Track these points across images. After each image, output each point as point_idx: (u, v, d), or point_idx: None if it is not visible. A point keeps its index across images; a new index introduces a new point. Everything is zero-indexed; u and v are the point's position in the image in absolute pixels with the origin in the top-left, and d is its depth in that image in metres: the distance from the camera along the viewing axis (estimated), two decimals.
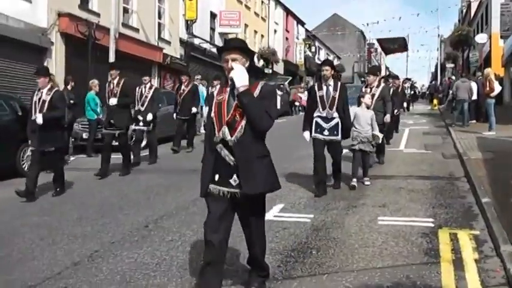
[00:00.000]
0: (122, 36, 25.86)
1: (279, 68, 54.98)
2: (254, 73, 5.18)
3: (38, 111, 10.40)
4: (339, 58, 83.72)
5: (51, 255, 6.77)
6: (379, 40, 57.54)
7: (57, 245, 7.22)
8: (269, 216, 8.42)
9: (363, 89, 13.07)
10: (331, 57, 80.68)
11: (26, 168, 12.87)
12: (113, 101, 13.16)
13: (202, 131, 23.40)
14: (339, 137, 10.02)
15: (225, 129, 4.82)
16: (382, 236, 7.30)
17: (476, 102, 23.03)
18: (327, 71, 9.96)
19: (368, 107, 11.29)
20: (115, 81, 13.38)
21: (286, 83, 41.58)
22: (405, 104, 32.88)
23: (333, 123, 9.95)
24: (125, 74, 22.75)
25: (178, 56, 34.01)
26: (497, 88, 19.56)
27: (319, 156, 10.04)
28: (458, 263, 6.21)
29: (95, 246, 7.10)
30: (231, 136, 4.79)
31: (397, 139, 18.82)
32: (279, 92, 32.65)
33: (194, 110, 17.35)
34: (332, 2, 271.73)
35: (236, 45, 5.05)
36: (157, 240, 7.30)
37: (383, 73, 49.72)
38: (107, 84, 13.67)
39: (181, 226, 7.98)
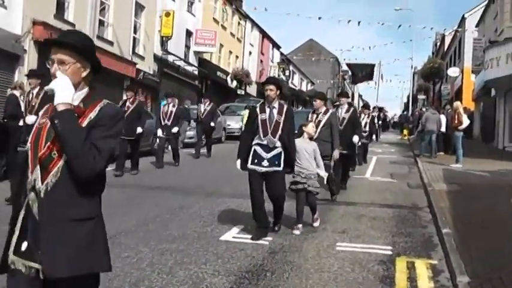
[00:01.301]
0: (96, 49, 25.68)
1: (252, 89, 55.10)
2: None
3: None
4: (312, 83, 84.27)
5: None
6: (348, 65, 57.78)
7: None
8: (227, 237, 8.44)
9: (309, 116, 11.79)
10: (304, 82, 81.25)
11: None
12: (31, 119, 10.33)
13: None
14: (281, 168, 8.41)
15: (38, 170, 3.26)
16: (339, 262, 7.27)
17: (444, 135, 23.27)
18: (271, 91, 8.46)
19: (311, 138, 9.50)
20: (34, 92, 11.13)
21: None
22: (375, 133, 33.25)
23: (274, 152, 8.39)
24: (97, 87, 22.78)
25: (152, 72, 33.92)
26: (466, 121, 19.79)
27: (256, 193, 8.47)
28: None
29: None
30: (42, 182, 3.23)
31: (363, 167, 18.96)
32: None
33: (139, 130, 15.71)
34: (309, 29, 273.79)
35: (69, 41, 3.47)
36: (112, 256, 7.02)
37: (356, 101, 50.03)
38: (25, 94, 11.60)
39: (139, 243, 7.88)
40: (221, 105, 35.21)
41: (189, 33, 40.61)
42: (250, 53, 56.74)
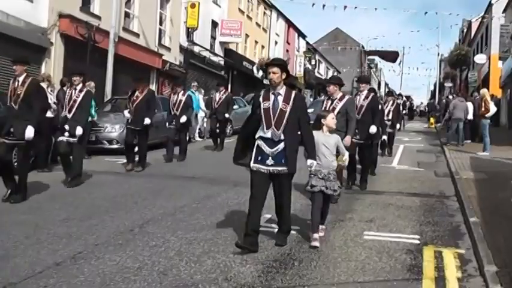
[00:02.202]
0: (122, 40, 25.93)
1: None
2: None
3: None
4: (338, 72, 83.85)
5: (35, 253, 6.74)
6: (371, 52, 57.02)
7: (41, 244, 7.19)
8: None
9: (324, 102, 11.10)
10: (330, 71, 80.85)
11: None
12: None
13: (197, 138, 23.44)
14: (287, 168, 7.09)
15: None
16: (366, 251, 7.28)
17: (472, 122, 23.08)
18: (274, 74, 7.19)
19: (331, 131, 8.13)
20: (20, 79, 10.54)
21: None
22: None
23: (280, 147, 7.09)
24: (124, 78, 22.92)
25: (178, 63, 34.04)
26: (493, 109, 19.61)
27: (258, 196, 7.14)
28: (440, 281, 6.19)
29: (78, 247, 7.06)
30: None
31: (390, 155, 18.83)
32: None
33: (147, 121, 14.51)
34: (334, 18, 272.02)
35: None
36: (140, 244, 7.27)
37: (382, 89, 49.49)
38: (11, 81, 10.99)
39: (167, 232, 7.95)
40: (247, 95, 35.20)
41: (214, 24, 40.64)
42: (276, 42, 56.60)
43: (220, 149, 20.08)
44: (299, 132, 7.32)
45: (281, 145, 7.10)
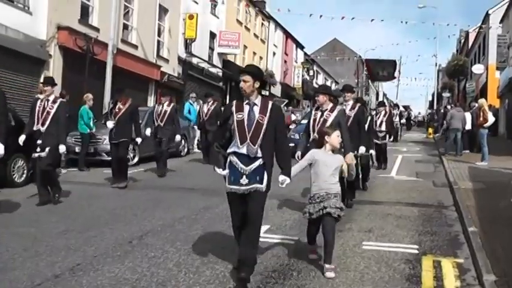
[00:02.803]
0: (120, 52, 26.00)
1: (276, 90, 55.13)
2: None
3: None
4: (337, 83, 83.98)
5: (33, 266, 6.74)
6: (367, 61, 56.38)
7: (40, 256, 7.19)
8: None
9: (313, 113, 10.11)
10: (329, 82, 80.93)
11: (16, 178, 13.01)
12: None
13: (196, 149, 23.44)
14: (263, 185, 6.23)
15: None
16: (365, 261, 7.28)
17: (470, 132, 23.12)
18: (245, 82, 6.27)
19: (333, 150, 7.14)
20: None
21: (282, 105, 41.60)
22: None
23: (256, 164, 6.22)
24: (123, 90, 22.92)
25: (176, 74, 34.09)
26: (491, 119, 19.65)
27: (236, 221, 6.52)
28: None
29: (77, 259, 7.07)
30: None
31: (389, 165, 18.82)
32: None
33: (139, 140, 14.21)
34: (332, 29, 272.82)
35: None
36: (139, 256, 7.27)
37: (380, 100, 49.22)
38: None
39: (165, 243, 7.96)
40: None
41: (212, 35, 40.74)
42: (274, 53, 56.74)
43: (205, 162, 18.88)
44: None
45: (257, 162, 6.22)
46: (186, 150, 21.69)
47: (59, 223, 9.31)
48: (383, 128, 18.21)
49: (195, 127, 23.14)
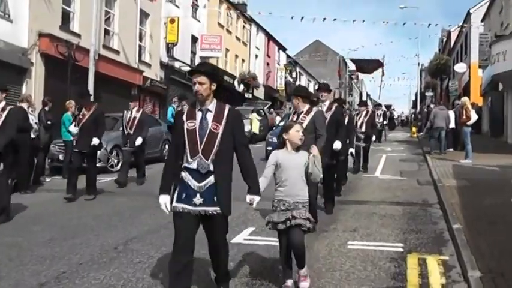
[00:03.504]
0: (102, 58, 25.93)
1: (260, 93, 55.17)
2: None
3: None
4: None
5: (18, 276, 6.71)
6: (354, 61, 56.08)
7: (25, 266, 7.15)
8: (239, 239, 8.47)
9: (290, 118, 9.39)
10: (312, 83, 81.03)
11: None
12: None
13: None
14: (219, 208, 5.33)
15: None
16: (350, 261, 7.31)
17: (454, 131, 23.22)
18: (202, 84, 5.38)
19: (299, 148, 6.20)
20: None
21: (265, 107, 41.65)
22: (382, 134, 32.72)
23: (209, 181, 5.32)
24: (105, 95, 22.92)
25: (159, 79, 34.07)
26: (474, 117, 19.74)
27: (184, 245, 5.32)
28: None
29: (62, 267, 7.04)
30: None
31: (373, 165, 18.87)
32: (257, 117, 32.56)
33: (95, 141, 12.70)
34: (314, 30, 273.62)
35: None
36: (125, 262, 7.25)
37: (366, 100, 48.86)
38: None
39: (151, 249, 7.94)
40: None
41: (194, 39, 40.74)
42: (256, 56, 56.78)
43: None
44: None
45: (211, 178, 5.29)
46: None
47: (45, 232, 9.24)
48: (363, 129, 17.53)
49: None
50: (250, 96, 50.65)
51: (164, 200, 5.37)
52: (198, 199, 5.27)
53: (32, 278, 6.59)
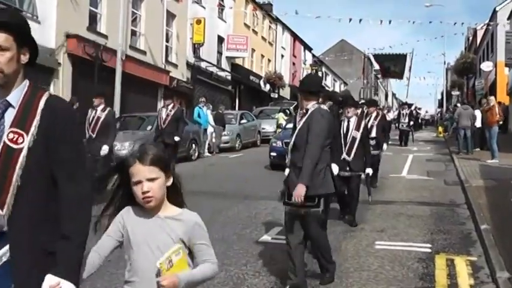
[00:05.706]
0: (129, 59, 26.07)
1: (285, 92, 55.10)
2: None
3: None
4: (345, 84, 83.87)
5: None
6: (376, 57, 53.96)
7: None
8: (267, 238, 8.49)
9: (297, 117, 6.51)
10: (337, 83, 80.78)
11: None
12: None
13: (207, 153, 23.45)
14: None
15: None
16: (378, 260, 7.32)
17: (480, 130, 23.04)
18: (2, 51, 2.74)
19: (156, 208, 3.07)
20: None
21: (291, 107, 41.69)
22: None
23: (2, 252, 2.65)
24: (132, 96, 23.04)
25: (185, 79, 34.17)
26: (500, 116, 19.61)
27: None
28: None
29: None
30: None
31: (400, 165, 18.81)
32: (283, 116, 32.45)
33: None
34: (340, 30, 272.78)
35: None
36: None
37: (390, 100, 47.96)
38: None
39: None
40: (255, 109, 35.35)
41: (220, 39, 40.81)
42: (282, 56, 56.72)
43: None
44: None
45: (4, 249, 2.64)
46: (196, 154, 21.68)
47: None
48: (373, 134, 13.31)
49: (208, 130, 23.27)
50: (276, 96, 50.61)
51: None
52: None
53: None
